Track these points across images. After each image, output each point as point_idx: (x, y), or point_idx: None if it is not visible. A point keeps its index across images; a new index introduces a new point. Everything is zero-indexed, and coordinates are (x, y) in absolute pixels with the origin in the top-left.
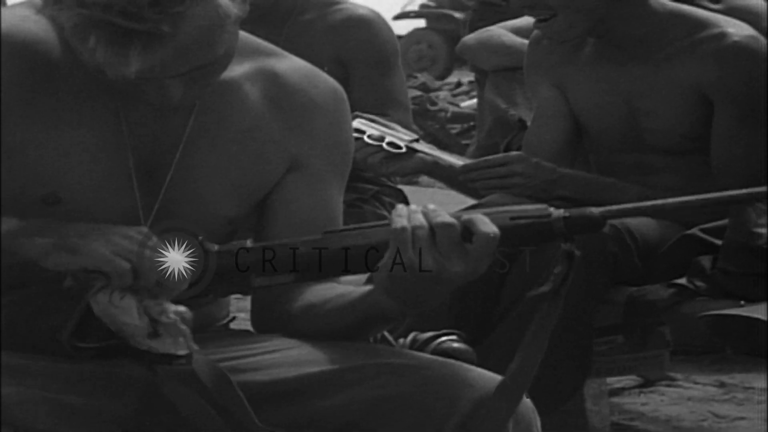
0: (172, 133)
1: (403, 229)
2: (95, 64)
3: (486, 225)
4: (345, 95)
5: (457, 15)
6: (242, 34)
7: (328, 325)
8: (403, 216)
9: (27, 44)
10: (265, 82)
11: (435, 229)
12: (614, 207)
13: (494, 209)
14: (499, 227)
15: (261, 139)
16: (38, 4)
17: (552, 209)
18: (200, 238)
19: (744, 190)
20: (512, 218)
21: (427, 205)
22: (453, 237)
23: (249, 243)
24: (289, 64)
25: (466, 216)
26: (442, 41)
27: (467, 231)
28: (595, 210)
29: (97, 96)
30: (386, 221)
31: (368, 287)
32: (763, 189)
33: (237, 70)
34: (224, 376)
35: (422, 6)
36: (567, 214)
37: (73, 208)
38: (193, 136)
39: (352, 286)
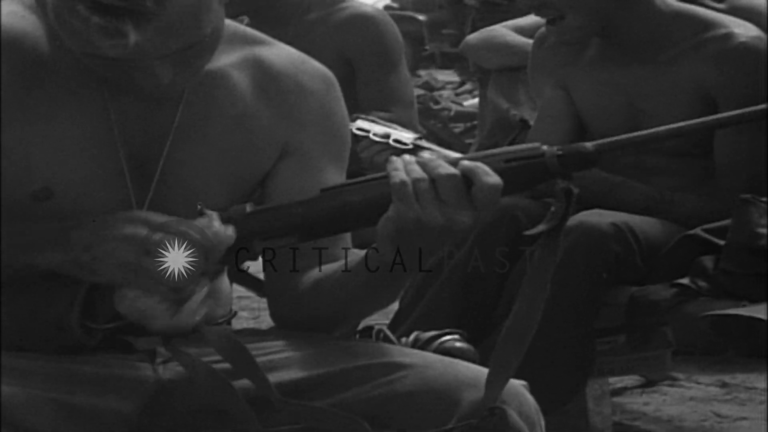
0: (161, 125)
1: (403, 183)
2: (85, 45)
3: (488, 176)
4: (335, 80)
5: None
6: (231, 23)
7: (339, 295)
8: (399, 169)
9: (14, 40)
10: (253, 69)
11: (437, 181)
12: (607, 140)
13: (487, 152)
14: (495, 171)
15: (251, 127)
16: (28, 1)
17: (545, 147)
18: (199, 205)
19: (739, 111)
20: (506, 161)
21: (422, 154)
22: (457, 188)
23: (248, 207)
24: (277, 51)
25: (465, 165)
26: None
27: (468, 180)
28: (588, 144)
29: (85, 89)
30: (384, 174)
31: (374, 246)
32: (758, 108)
33: (225, 59)
34: (240, 346)
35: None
36: (560, 152)
37: (64, 203)
38: (182, 127)
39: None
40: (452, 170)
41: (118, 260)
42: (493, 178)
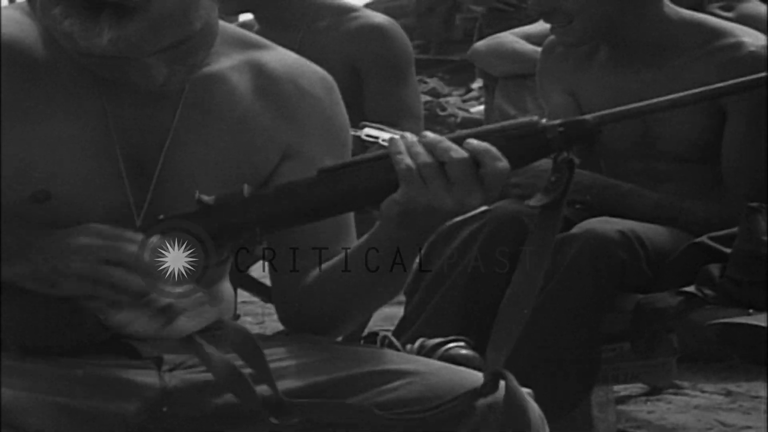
0: (159, 127)
1: (409, 168)
2: (75, 45)
3: (498, 160)
4: (335, 83)
5: None
6: (230, 26)
7: (347, 282)
8: (402, 152)
9: (8, 45)
10: (252, 73)
11: (448, 164)
12: (606, 112)
13: (485, 128)
14: (498, 149)
15: (251, 130)
16: (25, 6)
17: (543, 121)
18: (197, 194)
19: (738, 80)
20: (508, 138)
21: (425, 134)
22: (468, 171)
23: (246, 190)
24: (276, 55)
25: (474, 147)
26: None
27: (476, 163)
28: (589, 117)
29: (83, 91)
30: (384, 152)
31: (376, 226)
32: (756, 77)
33: (224, 62)
34: (253, 343)
35: None
36: (561, 128)
37: (63, 205)
38: (181, 129)
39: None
40: (463, 154)
41: (75, 271)
42: (503, 163)
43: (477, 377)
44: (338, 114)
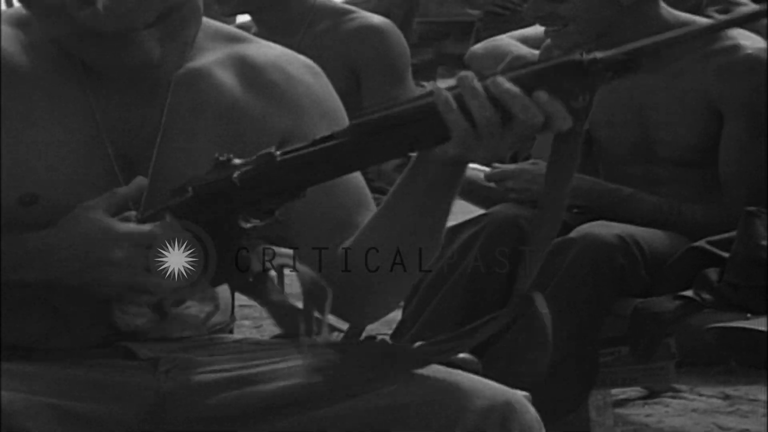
0: (148, 125)
1: (466, 130)
2: (66, 19)
3: (565, 120)
4: (321, 70)
5: None
6: (212, 21)
7: (393, 227)
8: (454, 110)
9: None
10: (237, 66)
11: (519, 124)
12: (643, 42)
13: (533, 69)
14: (547, 87)
15: (240, 122)
16: (15, 16)
17: (581, 55)
18: (223, 155)
19: (745, 12)
20: (555, 78)
21: (497, 80)
22: (537, 128)
23: (275, 152)
24: (259, 47)
25: (546, 104)
26: None
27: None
28: (626, 48)
29: (69, 95)
30: (431, 103)
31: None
32: (762, 7)
33: (208, 56)
34: (322, 288)
35: None
36: (599, 62)
37: (53, 207)
38: (170, 126)
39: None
40: (540, 117)
41: (115, 284)
42: (568, 123)
43: (474, 381)
44: (330, 97)
